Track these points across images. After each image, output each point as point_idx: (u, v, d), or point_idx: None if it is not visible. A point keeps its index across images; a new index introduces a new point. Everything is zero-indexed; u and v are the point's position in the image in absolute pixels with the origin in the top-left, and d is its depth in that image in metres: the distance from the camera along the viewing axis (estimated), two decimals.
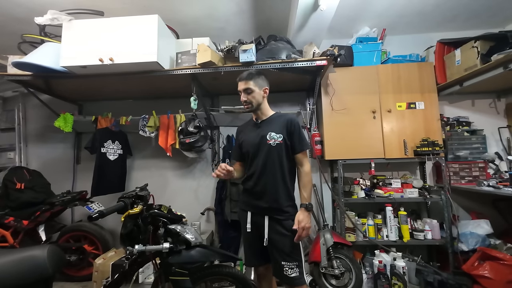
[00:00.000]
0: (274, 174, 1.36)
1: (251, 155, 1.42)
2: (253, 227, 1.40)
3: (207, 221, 2.70)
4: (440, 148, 2.16)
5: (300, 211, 1.32)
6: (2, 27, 2.33)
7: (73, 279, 2.37)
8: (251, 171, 1.41)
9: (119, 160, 2.59)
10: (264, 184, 1.36)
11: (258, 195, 1.38)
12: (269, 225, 1.34)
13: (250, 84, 1.39)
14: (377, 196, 2.26)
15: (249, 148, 1.42)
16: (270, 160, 1.36)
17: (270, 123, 1.44)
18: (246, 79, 1.40)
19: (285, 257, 1.30)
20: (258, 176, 1.37)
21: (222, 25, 2.46)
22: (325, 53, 1.97)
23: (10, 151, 2.93)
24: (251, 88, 1.39)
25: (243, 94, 1.42)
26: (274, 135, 1.37)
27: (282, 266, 1.29)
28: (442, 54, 2.38)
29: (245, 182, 1.47)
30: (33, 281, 1.04)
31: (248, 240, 1.45)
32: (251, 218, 1.40)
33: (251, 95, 1.40)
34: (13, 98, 3.02)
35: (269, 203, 1.35)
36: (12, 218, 2.23)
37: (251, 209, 1.41)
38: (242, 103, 1.44)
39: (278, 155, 1.36)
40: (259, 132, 1.42)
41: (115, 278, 1.22)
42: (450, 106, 2.60)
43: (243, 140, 1.49)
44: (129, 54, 1.92)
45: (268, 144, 1.37)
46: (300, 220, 1.28)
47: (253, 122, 1.51)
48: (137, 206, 1.20)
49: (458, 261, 2.07)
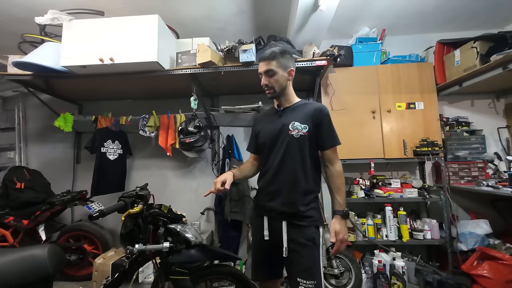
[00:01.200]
0: (294, 172, 1.15)
1: (267, 148, 1.22)
2: (270, 234, 1.19)
3: (207, 221, 2.70)
4: (440, 148, 2.17)
5: (336, 219, 1.13)
6: (2, 27, 2.34)
7: (73, 278, 2.37)
8: (266, 167, 1.22)
9: (119, 159, 2.59)
10: (280, 183, 1.17)
11: (272, 196, 1.19)
12: (287, 232, 1.14)
13: (272, 64, 1.17)
14: (376, 196, 2.27)
15: (266, 139, 1.22)
16: (289, 154, 1.16)
17: (294, 111, 1.22)
18: (268, 59, 1.18)
19: (301, 273, 1.09)
20: (274, 173, 1.18)
21: (222, 26, 2.47)
22: (325, 53, 1.98)
23: (10, 150, 2.93)
24: (274, 70, 1.18)
25: (263, 77, 1.21)
26: (298, 125, 1.16)
27: (298, 284, 1.09)
28: (441, 54, 2.39)
29: (260, 180, 1.28)
30: (33, 280, 1.04)
31: (260, 249, 1.24)
32: (268, 224, 1.20)
33: (274, 78, 1.19)
34: (13, 97, 3.02)
35: (285, 206, 1.15)
36: (12, 217, 2.23)
37: (267, 213, 1.21)
38: (263, 88, 1.23)
39: (299, 149, 1.16)
40: (280, 121, 1.21)
41: (116, 277, 1.22)
42: (450, 106, 2.61)
43: (260, 129, 1.29)
44: (130, 54, 1.92)
45: (289, 135, 1.16)
46: (338, 231, 1.10)
47: (274, 110, 1.29)
48: (137, 206, 1.20)
49: (457, 261, 2.08)
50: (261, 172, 1.29)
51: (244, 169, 1.34)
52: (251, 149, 1.38)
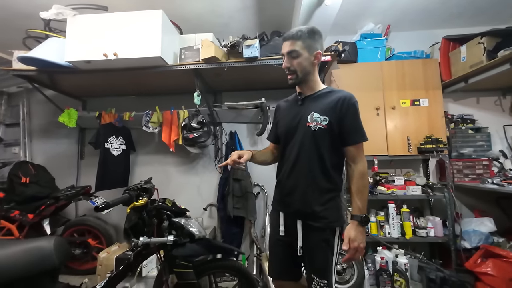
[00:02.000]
0: (311, 168, 1.06)
1: (284, 139, 1.14)
2: (286, 231, 1.13)
3: (209, 217, 2.71)
4: (444, 146, 2.15)
5: (352, 225, 1.02)
6: (7, 22, 2.34)
7: (77, 272, 2.40)
8: (284, 159, 1.14)
9: (122, 155, 2.61)
10: (296, 178, 1.09)
11: (289, 191, 1.11)
12: (302, 231, 1.08)
13: (296, 45, 1.05)
14: (379, 193, 2.26)
15: (283, 130, 1.14)
16: (305, 148, 1.06)
17: (316, 100, 1.10)
18: (293, 38, 1.05)
19: (315, 271, 1.06)
20: (291, 168, 1.10)
21: (226, 21, 2.46)
22: (329, 49, 1.97)
23: (15, 146, 2.96)
24: (298, 51, 1.05)
25: (286, 59, 1.09)
26: (318, 116, 1.05)
27: (312, 279, 1.07)
28: (447, 50, 2.37)
29: (278, 173, 1.21)
30: (40, 271, 1.05)
31: (276, 245, 1.18)
32: (284, 220, 1.13)
33: (297, 61, 1.06)
34: (18, 93, 3.04)
35: (299, 204, 1.08)
36: (18, 211, 2.26)
37: (282, 209, 1.15)
38: (285, 71, 1.12)
39: (316, 143, 1.05)
40: (300, 111, 1.11)
41: (120, 269, 1.24)
42: (455, 103, 2.58)
43: (280, 118, 1.20)
44: (133, 49, 1.92)
45: (307, 128, 1.06)
46: (352, 238, 0.99)
47: (296, 98, 1.18)
48: (142, 198, 1.21)
49: (460, 258, 2.07)
50: (278, 164, 1.21)
51: (264, 153, 1.26)
52: (271, 138, 1.30)
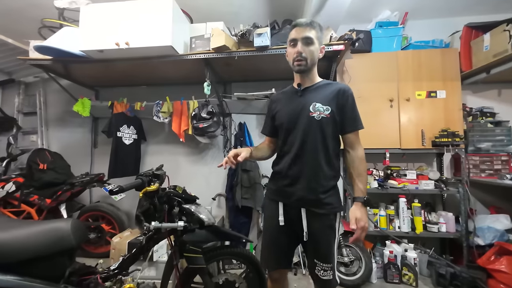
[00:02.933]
0: (315, 156, 1.09)
1: (285, 130, 1.15)
2: (285, 220, 1.14)
3: (218, 207, 2.75)
4: (461, 139, 2.07)
5: (356, 206, 1.07)
6: (23, 12, 2.39)
7: (92, 255, 2.51)
8: (285, 150, 1.16)
9: (133, 144, 2.66)
10: (300, 167, 1.10)
11: (291, 181, 1.12)
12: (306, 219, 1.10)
13: (312, 33, 1.06)
14: (390, 187, 2.22)
15: (284, 120, 1.15)
16: (311, 137, 1.09)
17: (316, 91, 1.14)
18: (309, 26, 1.07)
19: (319, 256, 1.10)
20: (294, 157, 1.11)
21: (237, 10, 2.41)
22: (343, 37, 1.90)
23: (33, 134, 3.07)
24: (312, 39, 1.06)
25: (300, 45, 1.07)
26: (320, 106, 1.08)
27: (315, 265, 1.10)
28: (469, 39, 2.24)
29: (276, 163, 1.21)
30: (59, 250, 1.11)
31: (272, 236, 1.18)
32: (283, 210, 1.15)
33: (309, 48, 1.07)
34: (35, 83, 3.14)
35: (304, 192, 1.09)
36: (37, 196, 2.36)
37: (282, 199, 1.16)
38: (293, 60, 1.10)
39: (322, 132, 1.08)
40: (301, 101, 1.13)
41: (133, 252, 1.28)
42: (474, 95, 2.47)
43: (277, 110, 1.20)
44: (144, 38, 1.93)
45: (310, 117, 1.09)
46: (359, 218, 1.04)
47: (293, 90, 1.19)
48: (154, 184, 1.24)
49: (473, 255, 2.03)
50: (278, 155, 1.22)
51: (261, 148, 1.29)
52: (266, 131, 1.31)
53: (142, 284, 1.28)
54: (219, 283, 1.36)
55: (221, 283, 1.36)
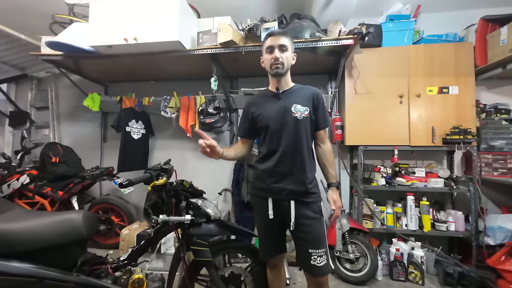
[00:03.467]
0: (301, 152, 1.21)
1: (272, 130, 1.24)
2: (275, 214, 1.24)
3: (224, 201, 2.78)
4: (473, 137, 2.02)
5: (331, 190, 1.26)
6: (34, 8, 2.43)
7: (102, 246, 2.58)
8: (272, 149, 1.24)
9: (142, 139, 2.71)
10: (289, 163, 1.21)
11: (280, 177, 1.22)
12: (295, 210, 1.20)
13: (286, 40, 1.21)
14: (398, 185, 2.19)
15: (269, 122, 1.24)
16: (296, 135, 1.21)
17: (293, 94, 1.27)
18: (283, 34, 1.22)
19: (313, 243, 1.17)
20: (282, 154, 1.21)
21: (244, 4, 2.39)
22: (352, 32, 1.86)
23: (45, 128, 3.16)
24: (287, 46, 1.21)
25: (277, 51, 1.20)
26: (300, 107, 1.22)
27: (310, 255, 1.16)
28: (484, 32, 2.16)
29: (262, 162, 1.28)
30: (71, 240, 1.15)
31: (266, 229, 1.29)
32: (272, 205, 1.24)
33: (285, 55, 1.21)
34: (46, 78, 3.21)
35: (294, 185, 1.20)
36: (49, 188, 2.44)
37: (271, 195, 1.24)
38: (270, 65, 1.23)
39: (304, 129, 1.22)
40: (281, 104, 1.24)
41: (142, 244, 1.32)
42: (489, 91, 2.39)
43: (259, 113, 1.28)
44: (152, 34, 1.94)
45: (294, 117, 1.21)
46: (336, 199, 1.24)
47: (271, 93, 1.31)
48: (162, 178, 1.26)
49: (482, 255, 1.99)
50: (264, 155, 1.28)
51: (236, 148, 1.38)
52: (243, 134, 1.39)
53: (150, 275, 1.31)
54: (225, 276, 1.38)
55: (226, 276, 1.38)
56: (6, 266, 1.02)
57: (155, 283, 1.28)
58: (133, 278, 1.21)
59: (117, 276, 1.24)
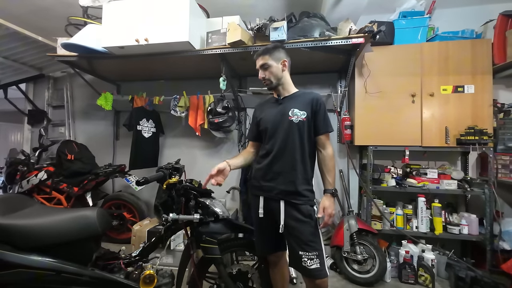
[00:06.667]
0: (293, 154, 1.25)
1: (269, 132, 1.31)
2: (266, 213, 1.29)
3: (232, 200, 2.82)
4: (489, 138, 1.95)
5: (325, 197, 1.24)
6: (51, 10, 2.52)
7: (115, 241, 2.68)
8: (267, 149, 1.31)
9: (152, 137, 2.77)
10: (281, 163, 1.26)
11: (272, 176, 1.27)
12: (285, 210, 1.23)
13: (266, 58, 1.30)
14: (409, 186, 2.15)
15: (268, 125, 1.32)
16: (290, 137, 1.26)
17: (293, 99, 1.33)
18: (262, 54, 1.31)
19: (303, 246, 1.18)
20: (275, 155, 1.27)
21: (253, 3, 2.38)
22: (363, 30, 1.83)
23: (61, 126, 3.29)
24: (268, 63, 1.30)
25: (260, 71, 1.34)
26: (298, 111, 1.27)
27: (300, 257, 1.18)
28: (504, 28, 2.06)
29: (259, 162, 1.35)
30: (86, 236, 1.20)
31: (260, 227, 1.34)
32: (264, 203, 1.29)
33: (269, 71, 1.31)
34: (62, 78, 3.33)
35: (285, 185, 1.24)
36: (65, 184, 2.55)
37: (263, 193, 1.30)
38: (261, 81, 1.36)
39: (299, 133, 1.26)
40: (281, 109, 1.31)
41: (152, 241, 1.36)
42: (507, 90, 2.29)
43: (261, 117, 1.37)
44: (163, 34, 1.97)
45: (289, 121, 1.26)
46: (326, 206, 1.21)
47: (274, 99, 1.40)
48: (174, 177, 1.30)
49: (497, 259, 1.93)
50: (260, 156, 1.35)
51: (243, 154, 1.45)
52: (251, 137, 1.47)
53: (160, 271, 1.36)
54: (233, 273, 1.40)
55: (234, 273, 1.40)
56: (27, 259, 1.08)
57: (165, 279, 1.32)
58: (144, 274, 1.25)
59: (129, 271, 1.29)
